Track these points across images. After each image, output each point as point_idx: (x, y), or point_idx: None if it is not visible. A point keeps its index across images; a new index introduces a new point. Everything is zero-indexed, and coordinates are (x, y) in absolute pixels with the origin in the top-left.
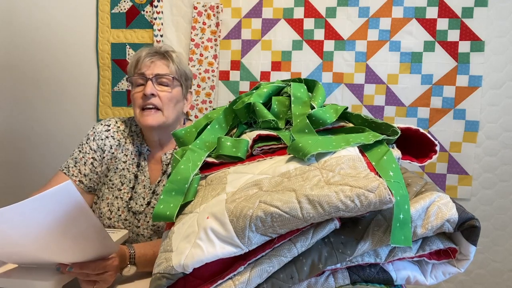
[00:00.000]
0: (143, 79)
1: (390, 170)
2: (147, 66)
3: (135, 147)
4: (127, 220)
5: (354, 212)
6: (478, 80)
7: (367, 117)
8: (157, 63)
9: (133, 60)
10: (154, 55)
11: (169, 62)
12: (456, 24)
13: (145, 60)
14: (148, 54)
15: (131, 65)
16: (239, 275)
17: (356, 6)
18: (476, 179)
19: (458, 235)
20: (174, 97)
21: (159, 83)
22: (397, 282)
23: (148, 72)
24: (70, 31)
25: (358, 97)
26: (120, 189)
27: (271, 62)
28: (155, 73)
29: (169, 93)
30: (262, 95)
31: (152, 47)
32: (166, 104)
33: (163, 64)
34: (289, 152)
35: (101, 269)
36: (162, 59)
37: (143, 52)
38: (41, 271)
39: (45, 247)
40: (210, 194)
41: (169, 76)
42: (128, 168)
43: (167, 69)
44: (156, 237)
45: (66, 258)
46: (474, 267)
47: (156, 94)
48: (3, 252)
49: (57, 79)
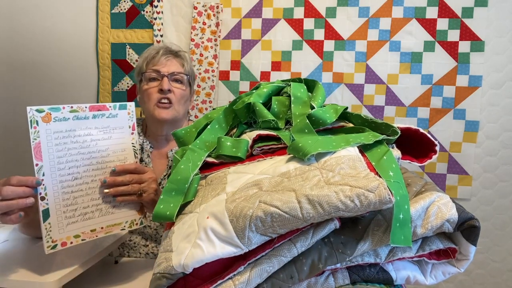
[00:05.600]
0: (158, 75)
1: (390, 170)
2: (163, 63)
3: (138, 144)
4: None
5: (354, 212)
6: (478, 80)
7: (367, 117)
8: (173, 61)
9: (145, 57)
10: (169, 54)
11: (183, 61)
12: (456, 24)
13: (161, 58)
14: (164, 52)
15: (143, 61)
16: (239, 275)
17: (356, 6)
18: (476, 179)
19: (458, 235)
20: (186, 94)
21: (174, 80)
22: (397, 282)
23: (164, 70)
24: (70, 31)
25: (358, 97)
26: None
27: (271, 62)
28: (171, 71)
29: (182, 90)
30: (262, 95)
31: (163, 45)
32: (178, 100)
33: (178, 63)
34: (289, 152)
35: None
36: (177, 57)
37: (155, 50)
38: (41, 271)
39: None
40: (210, 194)
41: (183, 75)
42: None
43: (182, 68)
44: (162, 228)
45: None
46: (474, 267)
47: (172, 90)
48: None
49: (57, 79)
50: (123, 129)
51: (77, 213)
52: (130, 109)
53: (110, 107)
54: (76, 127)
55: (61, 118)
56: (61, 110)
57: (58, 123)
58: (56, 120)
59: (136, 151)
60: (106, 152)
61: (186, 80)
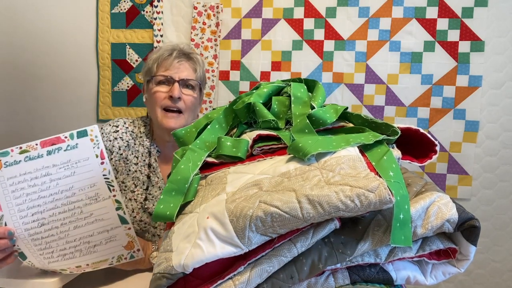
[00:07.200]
0: (170, 80)
1: (390, 170)
2: (176, 68)
3: (145, 148)
4: (142, 221)
5: (354, 212)
6: (478, 80)
7: (367, 117)
8: (185, 65)
9: (156, 57)
10: (182, 57)
11: (196, 65)
12: (456, 24)
13: (173, 62)
14: (177, 55)
15: (154, 62)
16: (239, 275)
17: (356, 6)
18: (476, 179)
19: (458, 235)
20: (196, 101)
21: (185, 86)
22: (397, 282)
23: (176, 75)
24: (70, 31)
25: (358, 97)
26: (133, 191)
27: (271, 62)
28: (182, 77)
29: (193, 98)
30: (262, 95)
31: (176, 46)
32: (189, 108)
33: (190, 68)
34: (289, 152)
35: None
36: (189, 60)
37: (168, 52)
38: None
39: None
40: (210, 194)
41: (196, 81)
42: (141, 170)
43: (194, 74)
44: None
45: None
46: (474, 267)
47: (182, 98)
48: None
49: (57, 79)
50: (89, 160)
51: (55, 255)
52: (92, 134)
53: (66, 137)
54: (31, 168)
55: (12, 162)
56: (10, 154)
57: (10, 168)
58: (7, 165)
59: (111, 183)
60: (70, 192)
61: (197, 86)
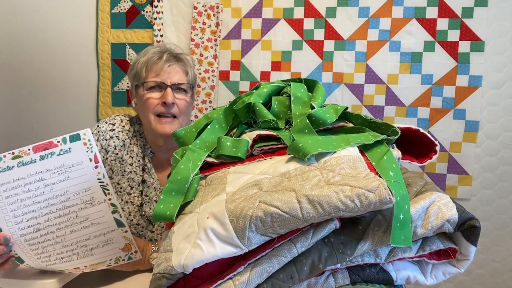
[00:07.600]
0: (162, 86)
1: (390, 170)
2: (167, 72)
3: (140, 148)
4: (139, 225)
5: (354, 212)
6: (478, 80)
7: (367, 117)
8: (176, 68)
9: (144, 61)
10: (172, 60)
11: (187, 67)
12: (456, 24)
13: (164, 66)
14: (167, 59)
15: (143, 66)
16: (239, 275)
17: (356, 6)
18: (476, 179)
19: (458, 235)
20: (190, 103)
21: (178, 90)
22: (397, 282)
23: (168, 80)
24: (70, 31)
25: (358, 97)
26: (129, 193)
27: (271, 62)
28: (174, 81)
29: (186, 101)
30: (262, 95)
31: (164, 48)
32: (183, 112)
33: (181, 70)
34: (289, 152)
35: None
36: (179, 62)
37: (157, 55)
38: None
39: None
40: (210, 194)
41: (188, 84)
42: (135, 171)
43: (185, 77)
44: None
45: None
46: (474, 267)
47: (175, 103)
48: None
49: (57, 79)
50: (82, 164)
51: (52, 258)
52: (86, 138)
53: (59, 142)
54: (24, 174)
55: (5, 168)
56: (3, 159)
57: (3, 174)
58: (0, 172)
59: (106, 187)
60: (65, 196)
61: (190, 89)
